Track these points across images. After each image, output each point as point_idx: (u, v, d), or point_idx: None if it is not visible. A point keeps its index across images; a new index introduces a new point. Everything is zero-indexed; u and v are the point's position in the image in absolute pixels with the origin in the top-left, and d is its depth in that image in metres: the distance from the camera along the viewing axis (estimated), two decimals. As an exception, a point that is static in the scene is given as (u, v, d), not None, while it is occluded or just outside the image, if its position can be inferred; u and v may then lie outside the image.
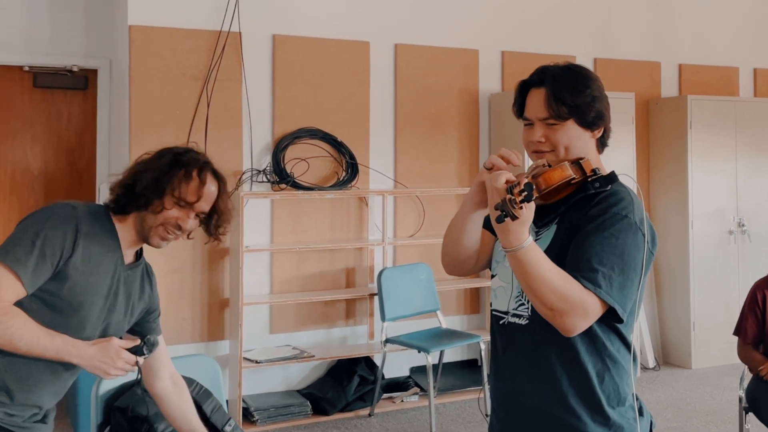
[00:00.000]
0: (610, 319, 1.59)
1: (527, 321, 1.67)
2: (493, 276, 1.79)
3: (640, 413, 1.70)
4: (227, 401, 4.16)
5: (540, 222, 1.70)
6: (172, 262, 4.35)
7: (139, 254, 2.09)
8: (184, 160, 1.96)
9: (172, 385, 2.21)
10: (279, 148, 4.59)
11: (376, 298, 4.64)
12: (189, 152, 2.01)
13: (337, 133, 4.75)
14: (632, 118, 5.44)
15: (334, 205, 4.76)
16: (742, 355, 3.42)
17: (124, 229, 1.99)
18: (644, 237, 1.61)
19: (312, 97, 4.73)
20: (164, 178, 1.93)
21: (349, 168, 4.75)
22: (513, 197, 1.45)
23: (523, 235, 1.50)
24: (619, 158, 5.35)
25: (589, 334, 1.61)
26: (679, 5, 6.05)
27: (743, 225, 5.74)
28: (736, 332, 3.45)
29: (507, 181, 1.51)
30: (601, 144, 1.76)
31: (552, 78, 1.69)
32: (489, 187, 1.53)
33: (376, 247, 4.82)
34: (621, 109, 5.41)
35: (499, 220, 1.47)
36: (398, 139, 4.98)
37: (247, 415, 4.29)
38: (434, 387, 4.47)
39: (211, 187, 1.98)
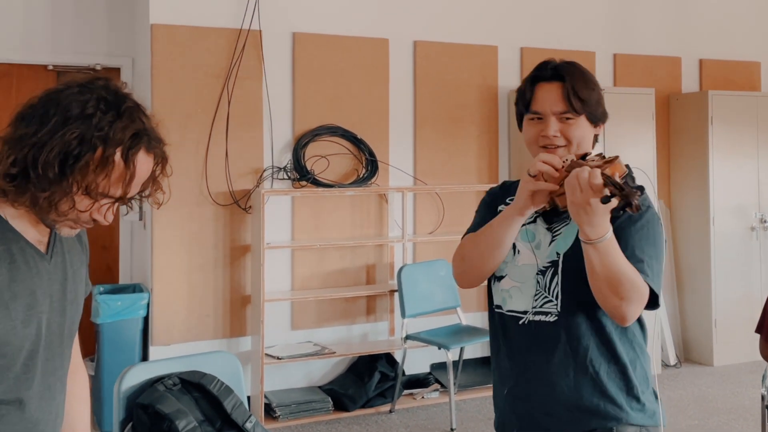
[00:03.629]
0: (649, 305, 1.65)
1: (556, 317, 1.67)
2: (500, 278, 1.76)
3: (656, 398, 1.77)
4: (249, 397, 4.21)
5: (552, 218, 1.71)
6: (195, 259, 4.39)
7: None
8: (101, 131, 1.28)
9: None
10: (299, 145, 4.61)
11: (396, 294, 4.65)
12: (100, 109, 1.30)
13: (356, 130, 4.77)
14: (652, 113, 5.41)
15: (354, 202, 4.77)
16: (765, 353, 3.38)
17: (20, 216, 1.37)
18: (662, 226, 1.69)
19: (332, 95, 4.74)
20: (69, 162, 1.27)
21: (369, 165, 4.76)
22: (630, 188, 1.46)
23: (607, 225, 1.53)
24: (639, 154, 5.33)
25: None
26: (699, 0, 6.00)
27: (765, 221, 5.69)
28: (758, 330, 3.41)
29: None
30: (595, 139, 1.80)
31: (567, 73, 1.71)
32: (580, 186, 1.48)
33: (396, 244, 4.83)
34: (641, 104, 5.38)
35: (617, 213, 1.51)
36: (417, 135, 4.99)
37: (269, 411, 4.32)
38: (454, 383, 4.47)
39: (144, 167, 1.36)
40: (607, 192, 1.47)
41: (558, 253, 1.69)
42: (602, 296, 1.57)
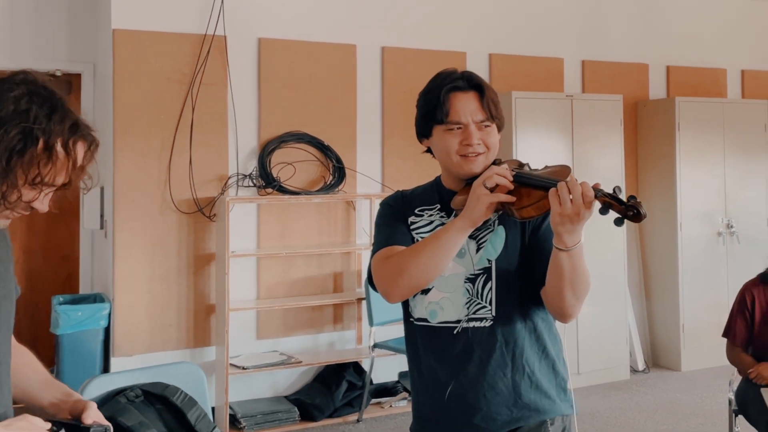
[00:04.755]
0: None
1: (491, 321, 1.72)
2: (426, 291, 1.75)
3: None
4: (213, 408, 4.14)
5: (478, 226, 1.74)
6: (158, 268, 4.31)
7: None
8: (40, 125, 1.32)
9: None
10: (265, 152, 4.55)
11: (363, 302, 4.61)
12: (34, 103, 1.33)
13: (323, 136, 4.73)
14: (620, 119, 5.43)
15: (321, 209, 4.73)
16: (731, 357, 3.40)
17: None
18: None
19: (298, 101, 4.70)
20: (14, 157, 1.31)
21: (336, 172, 4.72)
22: (630, 200, 1.53)
23: (581, 231, 1.60)
24: (607, 160, 5.35)
25: (548, 320, 1.77)
26: (666, 7, 6.05)
27: (732, 227, 5.74)
28: (725, 334, 3.44)
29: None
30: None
31: (480, 82, 1.77)
32: (569, 198, 1.54)
33: (363, 251, 4.79)
34: (609, 110, 5.41)
35: (619, 223, 1.54)
36: (386, 142, 4.96)
37: (234, 422, 4.25)
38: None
39: (80, 152, 1.38)
40: (598, 204, 1.56)
41: (489, 260, 1.74)
42: (560, 297, 1.64)
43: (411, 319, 1.81)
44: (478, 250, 1.75)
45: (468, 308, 1.73)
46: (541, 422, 1.73)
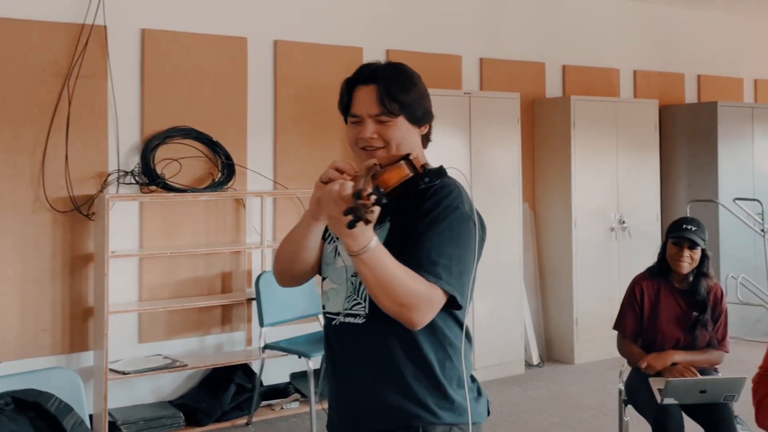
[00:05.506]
0: (451, 307, 1.65)
1: (364, 320, 1.69)
2: (324, 279, 1.79)
3: (480, 393, 1.80)
4: (91, 416, 3.95)
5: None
6: (29, 270, 4.08)
7: None
8: None
9: None
10: (149, 148, 4.38)
11: (254, 303, 4.49)
12: None
13: (212, 132, 4.58)
14: (517, 117, 5.50)
15: (209, 207, 4.58)
16: (622, 349, 3.47)
17: None
18: (475, 225, 1.68)
19: (185, 95, 4.54)
20: None
21: (225, 169, 4.58)
22: (364, 202, 1.43)
23: (369, 236, 1.51)
24: (505, 157, 5.41)
25: (430, 325, 1.65)
26: (563, 9, 6.17)
27: (624, 222, 5.90)
28: (616, 327, 3.51)
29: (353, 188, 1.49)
30: (426, 139, 1.82)
31: (382, 76, 1.73)
32: (332, 198, 1.49)
33: (254, 251, 4.67)
34: (506, 108, 5.46)
35: (351, 226, 1.44)
36: (278, 139, 4.85)
37: (114, 430, 4.07)
38: (316, 392, 4.36)
39: None
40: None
41: None
42: (381, 304, 1.58)
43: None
44: None
45: (347, 302, 1.71)
46: (412, 428, 1.67)
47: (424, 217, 1.64)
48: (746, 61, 7.36)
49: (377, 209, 1.46)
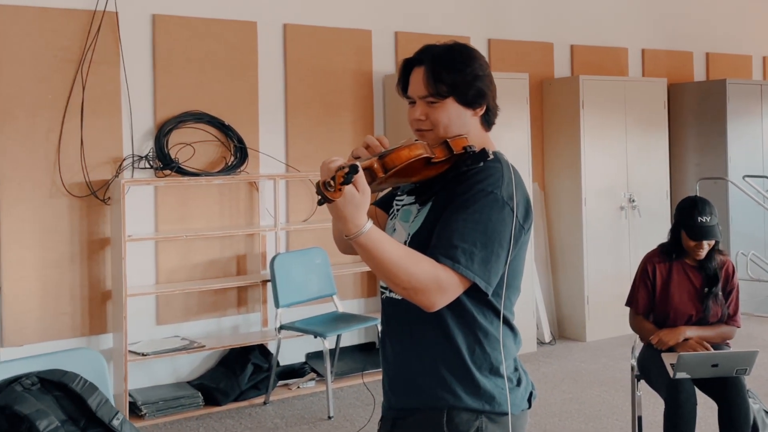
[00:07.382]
0: (476, 292, 1.62)
1: (401, 296, 1.66)
2: None
3: (519, 384, 1.73)
4: (113, 396, 4.02)
5: (420, 201, 1.73)
6: (48, 255, 4.14)
7: None
8: None
9: None
10: (162, 132, 4.42)
11: (269, 284, 4.55)
12: None
13: (224, 116, 4.62)
14: (526, 98, 5.50)
15: (222, 191, 4.63)
16: (634, 325, 3.51)
17: None
18: (513, 211, 1.62)
19: (196, 80, 4.57)
20: None
21: (238, 152, 4.62)
22: (329, 180, 1.41)
23: (361, 220, 1.49)
24: (514, 138, 5.42)
25: (458, 308, 1.64)
26: (570, -14, 6.15)
27: (633, 201, 5.93)
28: (628, 303, 3.54)
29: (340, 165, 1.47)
30: (486, 122, 1.75)
31: (431, 57, 1.70)
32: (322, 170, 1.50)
33: (268, 233, 4.72)
34: (515, 89, 5.47)
35: (320, 203, 1.44)
36: (289, 122, 4.89)
37: (135, 410, 4.15)
38: (331, 372, 4.43)
39: None
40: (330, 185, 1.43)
41: (409, 234, 1.71)
42: (389, 286, 1.58)
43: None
44: (414, 220, 1.72)
45: None
46: (437, 409, 1.65)
47: (456, 199, 1.62)
48: (755, 39, 7.33)
49: (347, 188, 1.44)
